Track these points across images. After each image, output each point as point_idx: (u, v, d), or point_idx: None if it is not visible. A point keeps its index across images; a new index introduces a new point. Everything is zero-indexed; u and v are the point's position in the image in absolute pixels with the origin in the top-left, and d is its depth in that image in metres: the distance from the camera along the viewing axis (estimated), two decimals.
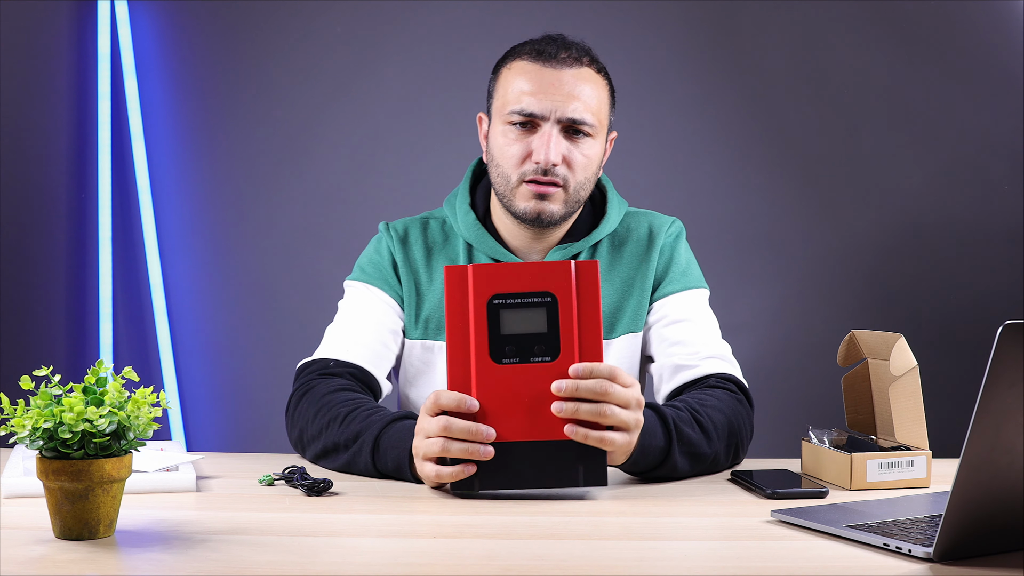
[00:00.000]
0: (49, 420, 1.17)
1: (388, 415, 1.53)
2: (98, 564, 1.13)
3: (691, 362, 1.70)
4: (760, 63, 2.94)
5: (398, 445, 1.48)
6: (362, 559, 1.18)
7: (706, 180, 2.96)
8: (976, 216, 2.96)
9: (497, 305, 1.39)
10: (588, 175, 1.72)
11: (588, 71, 1.71)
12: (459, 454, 1.38)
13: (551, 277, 1.39)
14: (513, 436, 1.38)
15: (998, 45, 2.93)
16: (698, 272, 1.82)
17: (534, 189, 1.68)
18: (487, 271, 1.39)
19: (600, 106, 1.71)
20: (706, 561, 1.19)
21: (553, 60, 1.69)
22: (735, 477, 1.54)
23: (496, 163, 1.72)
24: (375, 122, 2.90)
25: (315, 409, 1.59)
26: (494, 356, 1.38)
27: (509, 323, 1.39)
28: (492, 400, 1.38)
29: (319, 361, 1.70)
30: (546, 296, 1.39)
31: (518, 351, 1.38)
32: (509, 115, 1.69)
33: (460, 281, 1.40)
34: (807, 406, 2.89)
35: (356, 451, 1.51)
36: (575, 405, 1.37)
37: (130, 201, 2.86)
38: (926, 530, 1.23)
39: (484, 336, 1.38)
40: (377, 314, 1.75)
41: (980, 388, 1.09)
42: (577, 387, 1.37)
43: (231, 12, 2.89)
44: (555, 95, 1.67)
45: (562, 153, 1.67)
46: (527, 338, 1.38)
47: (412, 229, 1.81)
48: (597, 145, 1.72)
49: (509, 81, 1.71)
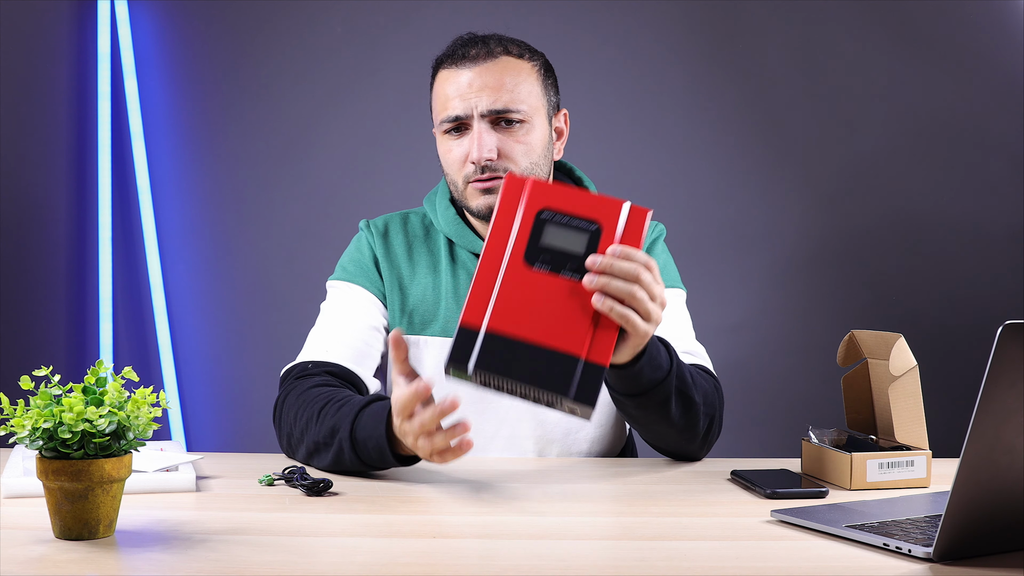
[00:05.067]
0: (49, 420, 1.17)
1: (356, 404, 1.53)
2: (98, 564, 1.13)
3: None
4: (759, 62, 2.94)
5: (374, 435, 1.48)
6: (362, 559, 1.18)
7: (706, 179, 2.96)
8: (976, 216, 2.96)
9: (544, 219, 1.40)
10: (534, 159, 1.72)
11: (504, 60, 1.72)
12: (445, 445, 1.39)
13: (602, 209, 1.40)
14: (521, 333, 1.36)
15: (998, 45, 2.93)
16: (676, 274, 1.83)
17: (478, 186, 1.71)
18: (546, 187, 1.41)
19: (526, 89, 1.71)
20: (706, 561, 1.19)
21: (464, 60, 1.71)
22: (735, 477, 1.54)
23: (445, 172, 1.76)
24: (375, 122, 2.90)
25: (295, 411, 1.60)
26: (528, 259, 1.38)
27: (550, 236, 1.39)
28: (512, 297, 1.37)
29: (298, 366, 1.70)
30: (592, 224, 1.40)
31: (552, 261, 1.38)
32: (441, 124, 1.73)
33: (516, 189, 1.41)
34: (807, 406, 2.89)
35: (338, 450, 1.51)
36: (608, 278, 1.36)
37: (130, 201, 2.86)
38: (926, 530, 1.23)
39: (524, 241, 1.39)
40: (359, 312, 1.75)
41: (980, 388, 1.09)
42: (612, 265, 1.36)
43: (231, 12, 2.89)
44: (472, 93, 1.69)
45: (495, 146, 1.69)
46: (563, 255, 1.38)
47: (392, 224, 1.82)
48: (536, 129, 1.72)
49: (436, 93, 1.75)
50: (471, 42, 1.74)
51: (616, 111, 2.92)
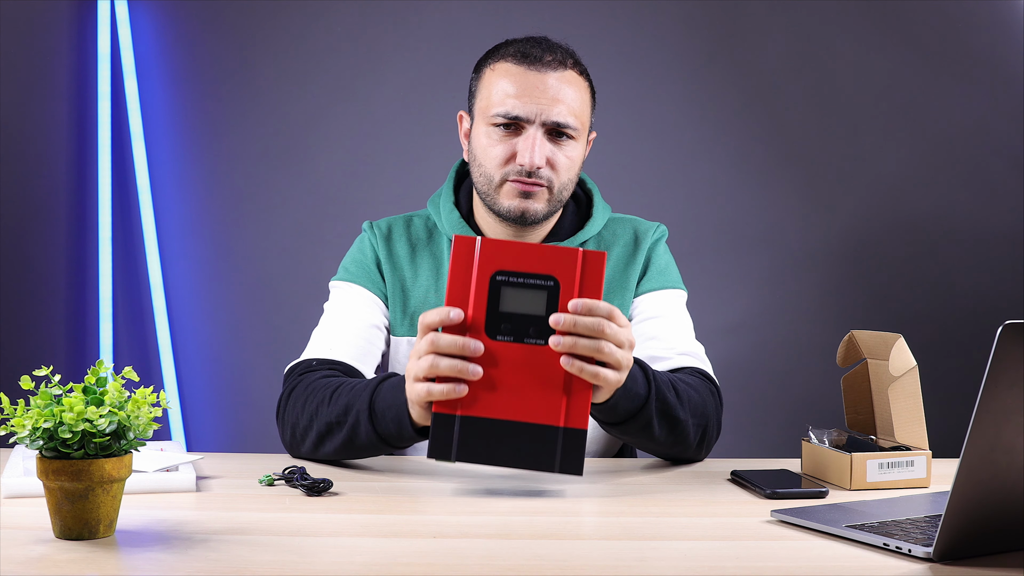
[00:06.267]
0: (49, 420, 1.17)
1: (374, 380, 1.53)
2: (98, 564, 1.13)
3: (665, 354, 1.71)
4: (759, 63, 2.94)
5: (394, 404, 1.48)
6: (362, 559, 1.18)
7: (705, 180, 2.96)
8: (976, 216, 2.97)
9: (500, 281, 1.39)
10: (571, 176, 1.73)
11: (571, 74, 1.70)
12: (448, 371, 1.38)
13: (557, 262, 1.39)
14: (496, 413, 1.38)
15: (998, 45, 2.93)
16: (677, 275, 1.83)
17: (519, 187, 1.69)
18: (496, 246, 1.39)
19: (582, 108, 1.72)
20: (706, 561, 1.19)
21: (538, 63, 1.69)
22: (735, 477, 1.54)
23: (479, 163, 1.73)
24: (375, 122, 2.90)
25: (303, 400, 1.60)
26: (489, 331, 1.38)
27: (509, 301, 1.39)
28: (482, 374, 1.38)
29: (302, 363, 1.70)
30: (549, 280, 1.39)
31: (513, 330, 1.38)
32: (493, 117, 1.69)
33: (467, 251, 1.39)
34: (807, 406, 2.89)
35: (353, 424, 1.51)
36: (573, 339, 1.37)
37: (130, 201, 2.86)
38: (926, 530, 1.23)
39: (483, 310, 1.38)
40: (361, 311, 1.75)
41: (980, 388, 1.09)
42: (576, 323, 1.37)
43: (231, 12, 2.89)
44: (540, 98, 1.67)
45: (546, 156, 1.68)
46: (524, 319, 1.38)
47: (396, 227, 1.82)
48: (579, 147, 1.73)
49: (493, 82, 1.71)
50: (546, 46, 1.71)
51: (616, 111, 2.92)
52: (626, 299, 1.78)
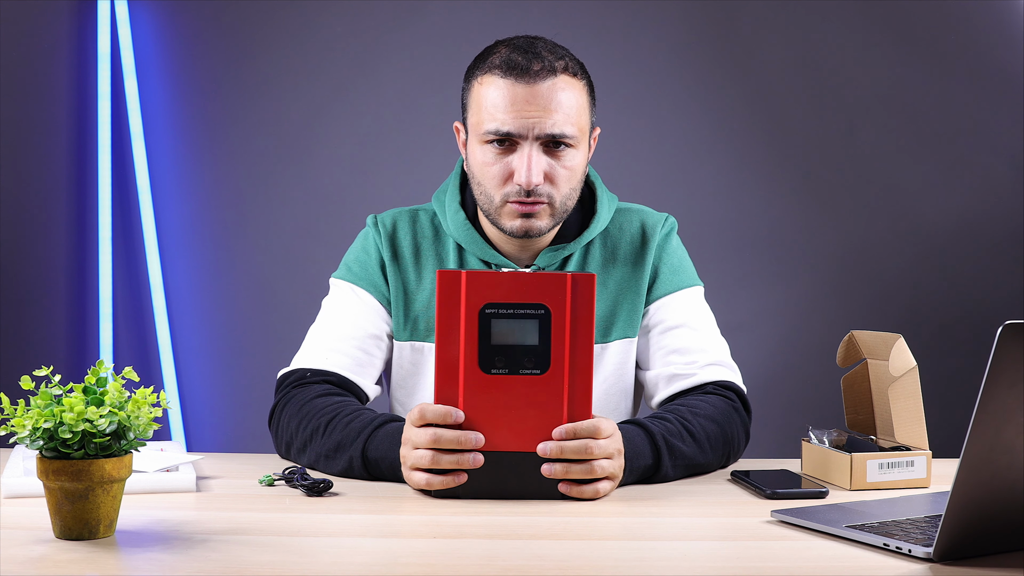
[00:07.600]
0: (49, 420, 1.17)
1: (367, 421, 1.52)
2: (98, 564, 1.13)
3: (688, 371, 1.68)
4: (760, 63, 2.94)
5: (387, 456, 1.48)
6: (362, 559, 1.18)
7: (706, 180, 2.96)
8: (976, 216, 2.97)
9: (489, 314, 1.37)
10: (573, 185, 1.66)
11: (563, 79, 1.61)
12: (449, 466, 1.39)
13: (546, 289, 1.37)
14: (499, 446, 1.39)
15: (998, 45, 2.93)
16: (691, 269, 1.78)
17: (519, 209, 1.63)
18: (481, 278, 1.37)
19: (579, 113, 1.63)
20: (706, 561, 1.19)
21: (526, 75, 1.59)
22: (735, 477, 1.54)
23: (477, 181, 1.66)
24: (375, 122, 2.90)
25: (296, 420, 1.58)
26: (483, 366, 1.38)
27: (500, 333, 1.37)
28: (479, 409, 1.38)
29: (296, 372, 1.67)
30: (539, 308, 1.38)
31: (507, 362, 1.38)
32: (485, 134, 1.62)
33: (453, 286, 1.38)
34: (807, 406, 2.89)
35: (346, 465, 1.51)
36: (564, 466, 1.39)
37: (130, 201, 2.86)
38: (926, 530, 1.23)
39: (474, 345, 1.37)
40: (361, 319, 1.70)
41: (980, 388, 1.09)
42: (562, 449, 1.39)
43: (231, 12, 2.89)
44: (531, 112, 1.59)
45: (543, 171, 1.61)
46: (517, 349, 1.38)
47: (401, 222, 1.75)
48: (579, 154, 1.65)
49: (481, 96, 1.63)
50: (532, 53, 1.61)
51: (616, 111, 2.92)
52: (636, 307, 1.72)
